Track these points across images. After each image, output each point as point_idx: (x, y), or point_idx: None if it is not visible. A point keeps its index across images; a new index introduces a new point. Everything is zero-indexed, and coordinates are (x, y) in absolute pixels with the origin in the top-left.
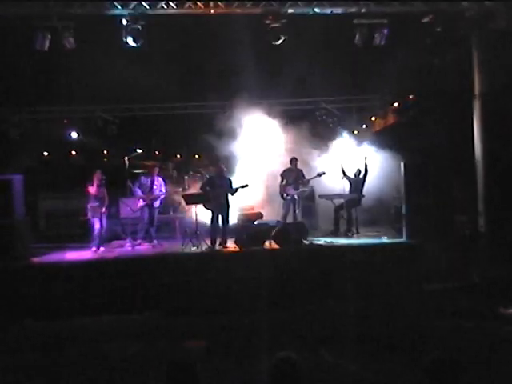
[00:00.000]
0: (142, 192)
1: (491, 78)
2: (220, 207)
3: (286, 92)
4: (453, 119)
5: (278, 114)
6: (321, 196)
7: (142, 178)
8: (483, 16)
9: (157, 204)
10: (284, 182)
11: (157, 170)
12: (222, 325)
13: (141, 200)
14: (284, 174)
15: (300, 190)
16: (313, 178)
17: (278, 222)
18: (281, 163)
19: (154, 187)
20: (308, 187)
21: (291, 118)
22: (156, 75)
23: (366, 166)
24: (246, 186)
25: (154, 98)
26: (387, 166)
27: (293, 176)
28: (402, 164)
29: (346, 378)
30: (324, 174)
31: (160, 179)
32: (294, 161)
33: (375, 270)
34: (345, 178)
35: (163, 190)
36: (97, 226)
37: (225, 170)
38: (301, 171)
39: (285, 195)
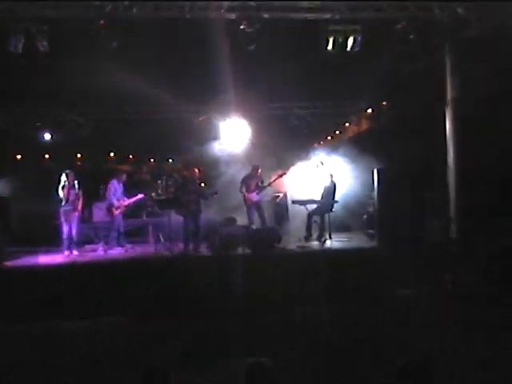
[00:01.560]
0: (117, 199)
1: (464, 85)
2: (192, 212)
3: (259, 98)
4: (426, 126)
5: (250, 119)
6: (294, 201)
7: (115, 184)
8: (456, 24)
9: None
10: (244, 189)
11: (125, 176)
12: (195, 330)
13: (115, 209)
14: (244, 181)
15: (262, 195)
16: (274, 181)
17: (250, 227)
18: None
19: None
20: (282, 193)
21: (264, 124)
22: (130, 79)
23: (334, 183)
24: (215, 193)
25: (127, 101)
26: (360, 171)
27: (254, 182)
28: (375, 170)
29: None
30: (285, 174)
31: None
32: (255, 168)
33: (347, 275)
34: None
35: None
36: (68, 229)
37: (197, 174)
38: (261, 177)
39: (248, 202)
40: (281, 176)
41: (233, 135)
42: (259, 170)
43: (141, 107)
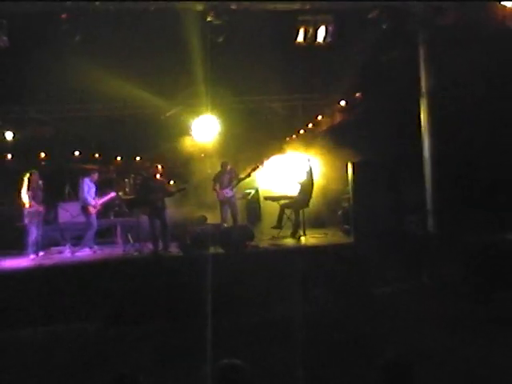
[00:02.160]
0: (92, 198)
1: (438, 75)
2: (156, 211)
3: (231, 91)
4: (400, 117)
5: (222, 113)
6: (266, 198)
7: (88, 182)
8: (430, 12)
9: None
10: (217, 186)
11: (97, 174)
12: (165, 332)
13: (92, 207)
14: (216, 178)
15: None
16: (248, 175)
17: (222, 225)
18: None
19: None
20: (253, 189)
21: (236, 118)
22: (94, 74)
23: (310, 168)
24: (183, 189)
25: (92, 98)
26: (335, 165)
27: (226, 178)
28: (349, 164)
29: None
30: (258, 167)
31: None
32: (224, 165)
33: (323, 272)
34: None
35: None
36: (34, 232)
37: (160, 171)
38: (234, 172)
39: (221, 199)
40: (254, 170)
41: (204, 130)
42: (228, 166)
43: (106, 104)
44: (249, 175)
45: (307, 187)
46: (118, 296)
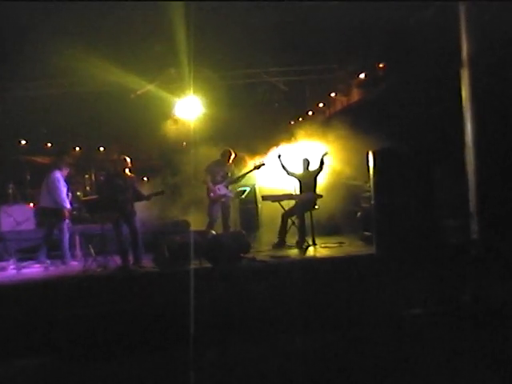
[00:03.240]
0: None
1: (484, 39)
2: (125, 216)
3: (218, 63)
4: (435, 94)
5: (206, 91)
6: (265, 197)
7: (60, 178)
8: None
9: None
10: (209, 178)
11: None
12: (138, 368)
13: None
14: (210, 170)
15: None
16: (248, 173)
17: (209, 232)
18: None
19: None
20: (249, 186)
21: (224, 96)
22: (50, 45)
23: (321, 161)
24: (162, 192)
25: (42, 72)
26: (352, 156)
27: (222, 172)
28: (370, 153)
29: None
30: (263, 165)
31: None
32: (226, 154)
33: (337, 292)
34: (290, 175)
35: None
36: None
37: (128, 165)
38: (232, 167)
39: (212, 196)
40: (258, 168)
41: (187, 112)
42: (232, 156)
43: (63, 80)
44: (249, 173)
45: (311, 182)
46: (76, 324)
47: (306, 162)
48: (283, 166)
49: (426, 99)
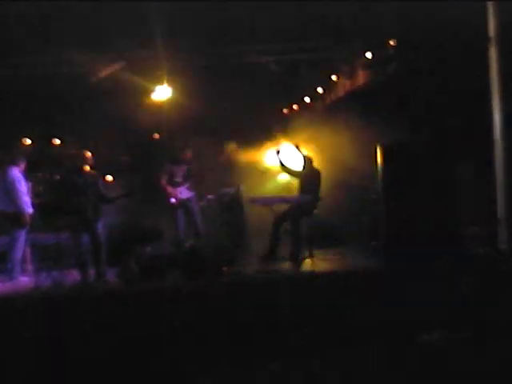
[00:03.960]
0: None
1: None
2: (86, 222)
3: (199, 40)
4: (456, 76)
5: (183, 73)
6: (253, 200)
7: (18, 175)
8: None
9: None
10: (166, 180)
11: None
12: None
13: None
14: (168, 170)
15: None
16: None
17: (184, 242)
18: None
19: None
20: (232, 187)
21: (205, 80)
22: None
23: (305, 160)
24: (130, 194)
25: None
26: (357, 150)
27: (182, 171)
28: (378, 147)
29: None
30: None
31: None
32: (182, 150)
33: (338, 313)
34: (292, 175)
35: None
36: None
37: (89, 161)
38: (192, 163)
39: (174, 202)
40: (231, 154)
41: (159, 100)
42: (188, 153)
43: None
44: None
45: (314, 181)
46: (27, 350)
47: (308, 160)
48: (282, 164)
49: (444, 83)
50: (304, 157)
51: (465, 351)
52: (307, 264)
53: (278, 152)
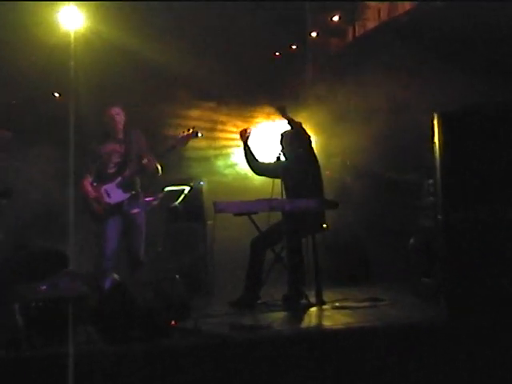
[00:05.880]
0: None
1: None
2: None
3: None
4: None
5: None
6: (221, 208)
7: None
8: None
9: None
10: (90, 179)
11: None
12: None
13: None
14: (92, 155)
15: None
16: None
17: (109, 276)
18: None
19: None
20: (187, 185)
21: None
22: None
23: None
24: (8, 193)
25: None
26: (397, 124)
27: (117, 158)
28: (435, 119)
29: None
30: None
31: None
32: (114, 118)
33: None
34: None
35: None
36: None
37: None
38: (132, 144)
39: (97, 209)
40: (188, 137)
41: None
42: (121, 120)
43: None
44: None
45: (308, 177)
46: None
47: (309, 143)
48: (251, 156)
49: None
50: (307, 137)
51: None
52: (312, 315)
53: (247, 133)
